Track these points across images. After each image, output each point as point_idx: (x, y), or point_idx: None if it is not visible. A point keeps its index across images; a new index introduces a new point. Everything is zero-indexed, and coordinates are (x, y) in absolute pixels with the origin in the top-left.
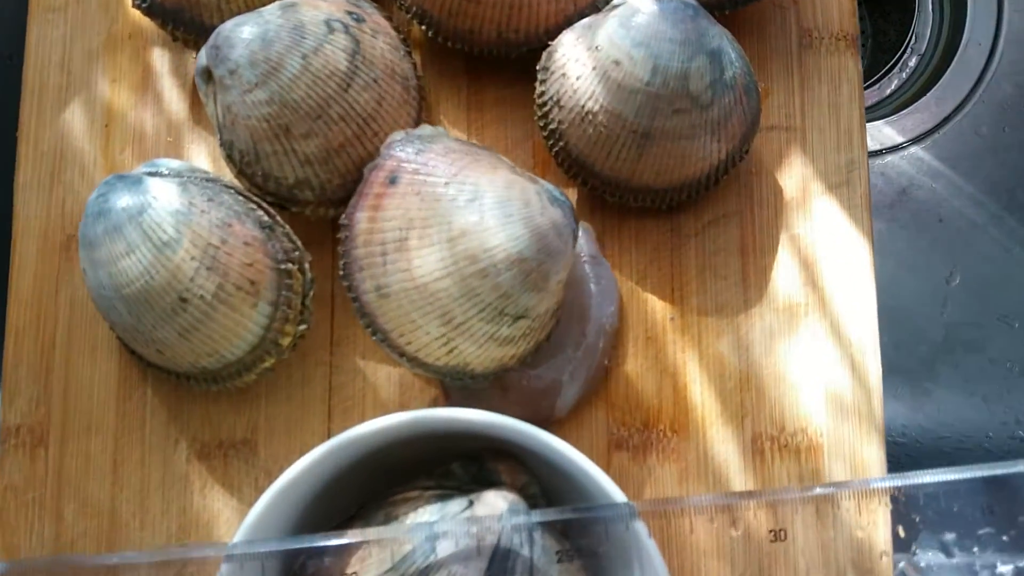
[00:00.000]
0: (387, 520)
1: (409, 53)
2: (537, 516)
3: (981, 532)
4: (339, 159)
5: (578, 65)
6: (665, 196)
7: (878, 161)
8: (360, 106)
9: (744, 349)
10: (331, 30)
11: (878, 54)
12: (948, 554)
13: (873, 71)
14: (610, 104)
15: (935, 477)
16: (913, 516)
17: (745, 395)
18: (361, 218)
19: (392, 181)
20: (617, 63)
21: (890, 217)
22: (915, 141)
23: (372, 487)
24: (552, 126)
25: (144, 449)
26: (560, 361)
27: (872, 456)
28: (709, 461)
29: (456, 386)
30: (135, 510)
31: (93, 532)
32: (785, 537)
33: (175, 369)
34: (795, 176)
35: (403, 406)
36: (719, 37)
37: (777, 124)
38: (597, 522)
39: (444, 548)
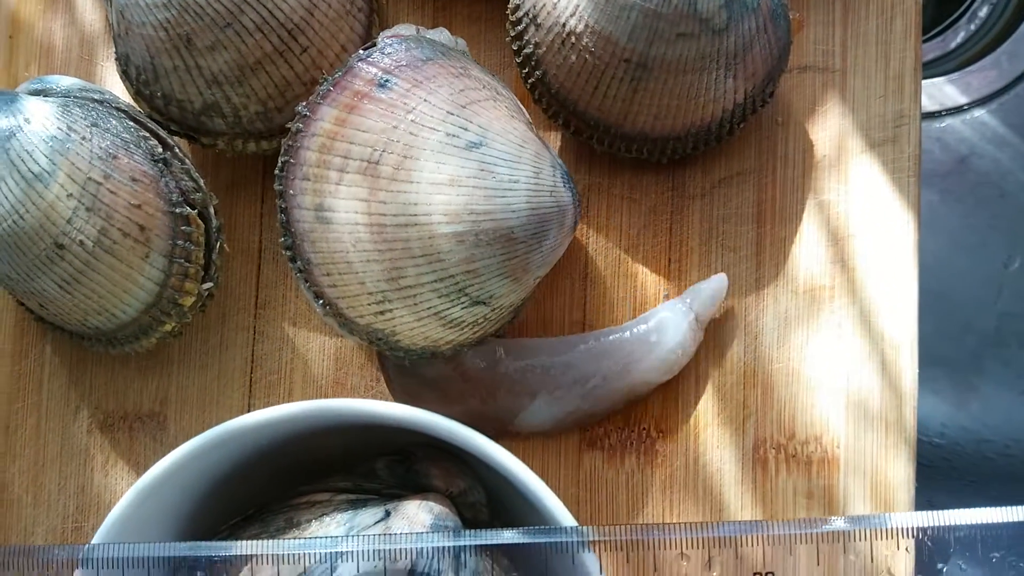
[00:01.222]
0: (287, 526)
1: None
2: (465, 538)
3: None
4: (256, 79)
5: None
6: (666, 146)
7: (935, 124)
8: (283, 13)
9: (752, 338)
10: None
11: (944, 1)
12: None
13: (937, 21)
14: (597, 23)
15: (972, 517)
16: (940, 566)
17: (749, 393)
18: (327, 114)
19: (382, 85)
20: None
21: (944, 188)
22: (980, 103)
23: (283, 479)
24: (527, 50)
25: (40, 415)
26: (551, 376)
27: (899, 475)
28: (700, 469)
29: (396, 360)
30: (28, 484)
31: None
32: None
33: (65, 327)
34: (830, 129)
35: (338, 384)
36: None
37: (812, 64)
38: (537, 550)
39: (345, 572)
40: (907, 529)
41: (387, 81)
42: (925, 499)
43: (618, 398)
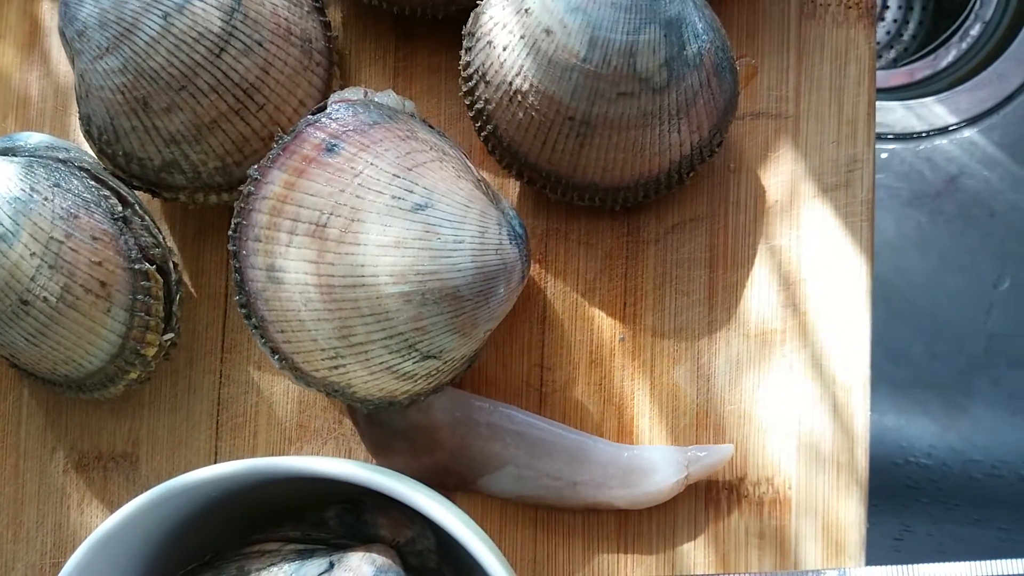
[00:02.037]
0: (239, 574)
1: (320, 10)
2: None
3: None
4: (214, 137)
5: (505, 32)
6: (617, 195)
7: (924, 144)
8: (238, 74)
9: (704, 380)
10: None
11: (938, 19)
12: None
13: (930, 39)
14: (540, 83)
15: (929, 571)
16: None
17: (701, 434)
18: (277, 178)
19: (330, 149)
20: (548, 32)
21: (934, 209)
22: (970, 123)
23: (238, 527)
24: (479, 105)
25: (19, 455)
26: (526, 455)
27: (850, 516)
28: (653, 510)
29: (363, 410)
30: (8, 522)
31: None
32: None
33: (37, 375)
34: (782, 174)
35: (301, 426)
36: (680, 2)
37: (764, 110)
38: None
39: None
40: None
41: (335, 146)
42: (900, 523)
43: (580, 506)
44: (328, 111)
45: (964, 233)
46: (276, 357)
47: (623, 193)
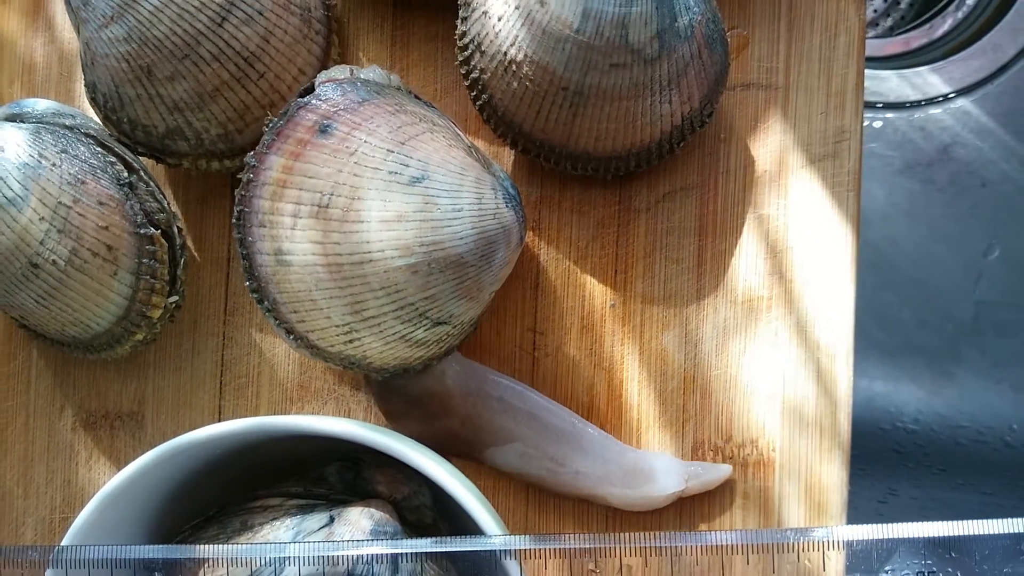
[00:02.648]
0: (242, 528)
1: None
2: (400, 546)
3: None
4: (215, 105)
5: (500, 3)
6: (609, 164)
7: (918, 113)
8: (239, 43)
9: (692, 345)
10: None
11: None
12: None
13: (926, 7)
14: (535, 54)
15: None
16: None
17: (688, 398)
18: (275, 163)
19: (323, 130)
20: (542, 3)
21: (926, 178)
22: (963, 92)
23: (242, 482)
24: (474, 75)
25: (28, 414)
26: (536, 435)
27: (832, 478)
28: None
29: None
30: (18, 478)
31: None
32: None
33: (46, 335)
34: (771, 145)
35: (302, 387)
36: None
37: (755, 81)
38: (463, 557)
39: (289, 574)
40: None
41: (328, 126)
42: (886, 487)
43: (575, 494)
44: (317, 92)
45: (955, 202)
46: (291, 337)
47: (615, 162)
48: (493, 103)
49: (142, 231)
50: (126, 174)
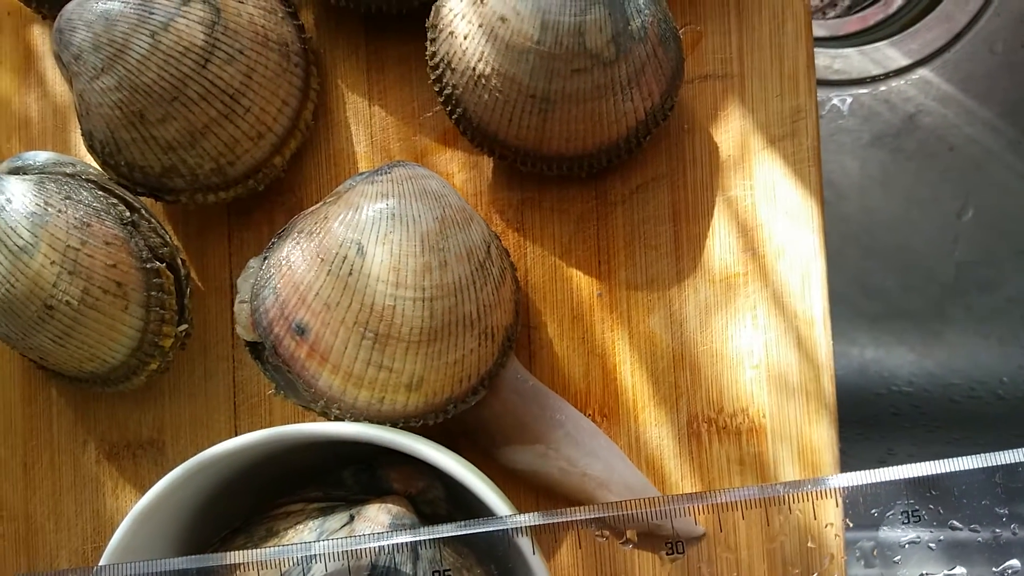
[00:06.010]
0: (268, 535)
1: (293, 14)
2: (418, 534)
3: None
4: (207, 141)
5: (464, 22)
6: (582, 163)
7: (881, 88)
8: (223, 81)
9: (677, 325)
10: (185, 1)
11: None
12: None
13: None
14: (501, 67)
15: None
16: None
17: (679, 375)
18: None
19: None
20: (503, 19)
21: (895, 147)
22: (923, 63)
23: (266, 494)
24: (447, 91)
25: (53, 451)
26: (558, 438)
27: (822, 438)
28: (642, 447)
29: None
30: (49, 513)
31: (11, 536)
32: (683, 551)
33: (64, 373)
34: (732, 130)
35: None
36: None
37: (711, 72)
38: (478, 539)
39: (317, 572)
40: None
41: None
42: (885, 449)
43: (580, 495)
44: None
45: (926, 168)
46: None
47: (588, 160)
48: (468, 116)
49: (148, 265)
50: (128, 213)
